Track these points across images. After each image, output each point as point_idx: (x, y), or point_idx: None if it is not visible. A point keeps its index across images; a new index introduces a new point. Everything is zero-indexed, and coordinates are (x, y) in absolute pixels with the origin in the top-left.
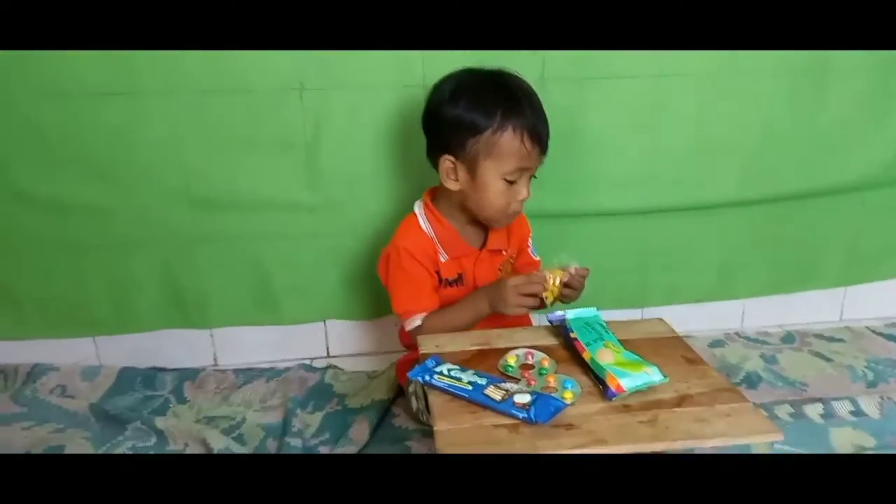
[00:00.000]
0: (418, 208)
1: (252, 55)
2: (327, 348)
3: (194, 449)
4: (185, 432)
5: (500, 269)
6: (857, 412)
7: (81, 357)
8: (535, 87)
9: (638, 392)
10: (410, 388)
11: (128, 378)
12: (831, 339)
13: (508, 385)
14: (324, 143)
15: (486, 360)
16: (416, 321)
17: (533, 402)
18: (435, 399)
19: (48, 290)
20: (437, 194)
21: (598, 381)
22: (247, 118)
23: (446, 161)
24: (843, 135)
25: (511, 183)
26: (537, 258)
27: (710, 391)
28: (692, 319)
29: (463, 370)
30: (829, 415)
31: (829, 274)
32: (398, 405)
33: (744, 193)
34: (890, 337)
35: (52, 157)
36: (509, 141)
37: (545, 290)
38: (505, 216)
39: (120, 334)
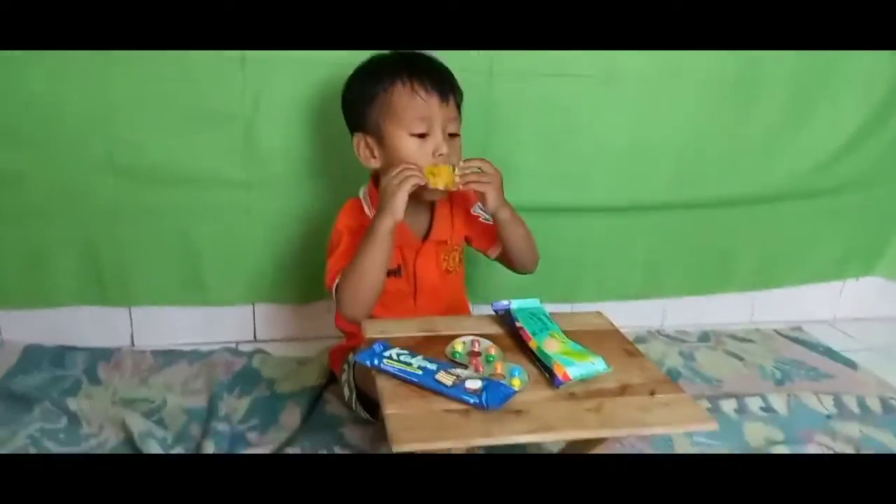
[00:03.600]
0: (362, 193)
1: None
2: (255, 332)
3: (110, 432)
4: (100, 415)
5: (444, 260)
6: (768, 408)
7: None
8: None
9: (582, 381)
10: (343, 377)
11: (33, 356)
12: (743, 340)
13: (458, 371)
14: (262, 117)
15: (432, 347)
16: (336, 280)
17: (484, 388)
18: (384, 383)
19: None
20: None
21: (544, 369)
22: (182, 86)
23: (358, 139)
24: (767, 144)
25: (422, 137)
26: (489, 223)
27: (650, 382)
28: (617, 316)
29: (412, 355)
30: (742, 410)
31: (741, 278)
32: (330, 392)
33: (672, 196)
34: (795, 339)
35: None
36: (401, 94)
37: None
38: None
39: (27, 308)
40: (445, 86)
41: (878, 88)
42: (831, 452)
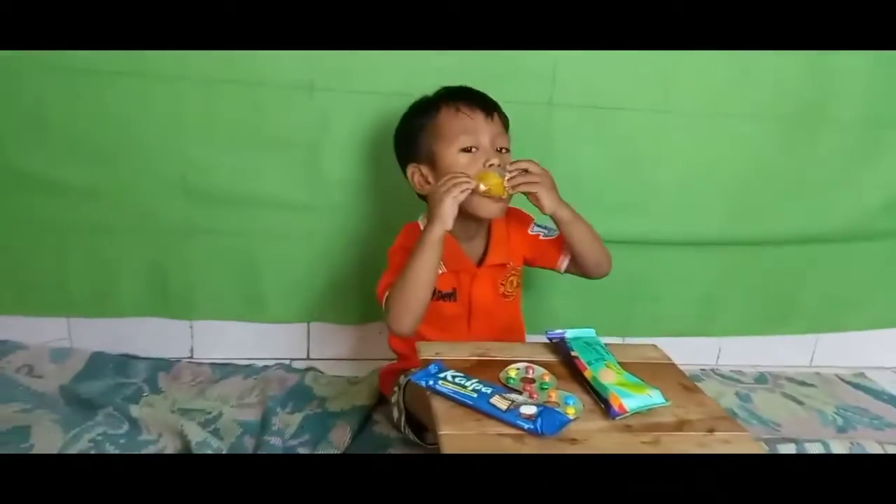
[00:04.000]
0: (421, 217)
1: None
2: (308, 350)
3: (168, 440)
4: (160, 422)
5: (501, 285)
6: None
7: (52, 338)
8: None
9: (638, 413)
10: (393, 398)
11: (99, 363)
12: (802, 384)
13: (513, 396)
14: (327, 145)
15: (485, 371)
16: (387, 293)
17: (539, 414)
18: (438, 404)
19: (28, 266)
20: None
21: (599, 399)
22: (253, 112)
23: (412, 170)
24: (830, 184)
25: (471, 151)
26: (552, 237)
27: (709, 418)
28: (670, 352)
29: (467, 378)
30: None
31: (800, 321)
32: (379, 412)
33: (730, 232)
34: (858, 386)
35: (50, 136)
36: (447, 117)
37: (475, 180)
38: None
39: (95, 317)
40: (489, 104)
41: None
42: None
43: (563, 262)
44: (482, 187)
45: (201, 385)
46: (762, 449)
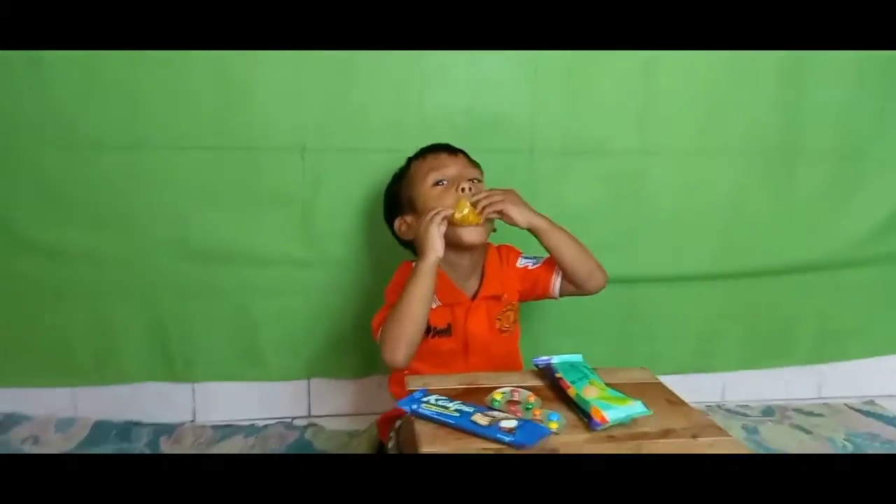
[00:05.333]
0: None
1: (257, 114)
2: (309, 407)
3: None
4: None
5: (497, 319)
6: None
7: (57, 408)
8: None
9: (622, 426)
10: (390, 444)
11: (102, 431)
12: (810, 414)
13: (495, 413)
14: (321, 202)
15: (472, 397)
16: (381, 328)
17: (518, 427)
18: (421, 427)
19: (33, 338)
20: None
21: (582, 414)
22: (247, 175)
23: (398, 223)
24: (813, 214)
25: (442, 184)
26: (541, 264)
27: (693, 427)
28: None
29: (450, 400)
30: None
31: (802, 351)
32: None
33: (719, 266)
34: (868, 413)
35: (52, 206)
36: (416, 166)
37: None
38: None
39: (99, 385)
40: (451, 147)
41: None
42: None
43: (556, 282)
44: (457, 215)
45: (202, 446)
46: (746, 449)
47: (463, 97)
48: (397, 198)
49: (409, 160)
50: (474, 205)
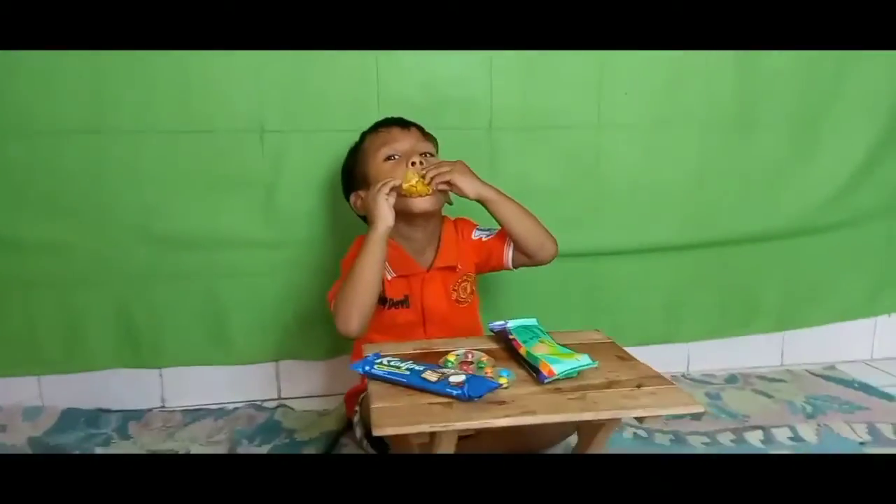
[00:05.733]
0: None
1: (217, 98)
2: (279, 389)
3: None
4: None
5: (454, 290)
6: (796, 438)
7: (24, 397)
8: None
9: (569, 378)
10: (355, 418)
11: (70, 418)
12: (773, 380)
13: (445, 370)
14: (282, 183)
15: (426, 359)
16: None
17: (467, 381)
18: (375, 387)
19: None
20: None
21: (532, 369)
22: (208, 158)
23: (354, 198)
24: (773, 181)
25: (393, 159)
26: (493, 235)
27: (638, 378)
28: None
29: (402, 361)
30: (769, 440)
31: (766, 319)
32: (348, 437)
33: (683, 237)
34: (829, 378)
35: (15, 195)
36: (369, 140)
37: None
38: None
39: (66, 373)
40: (405, 121)
41: (881, 114)
42: None
43: (509, 253)
44: (404, 185)
45: (171, 430)
46: (691, 399)
47: (421, 74)
48: (352, 173)
49: (363, 134)
50: (423, 176)
